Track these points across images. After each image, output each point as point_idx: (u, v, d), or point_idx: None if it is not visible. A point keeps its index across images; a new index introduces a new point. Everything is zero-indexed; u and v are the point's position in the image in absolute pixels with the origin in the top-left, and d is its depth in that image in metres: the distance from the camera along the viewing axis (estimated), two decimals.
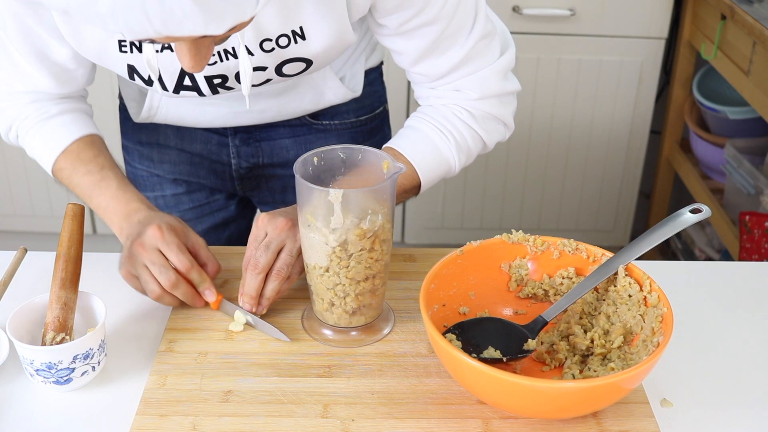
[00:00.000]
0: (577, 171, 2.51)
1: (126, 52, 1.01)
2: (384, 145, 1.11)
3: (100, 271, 1.11)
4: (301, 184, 0.92)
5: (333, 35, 1.01)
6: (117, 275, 1.11)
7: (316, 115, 1.27)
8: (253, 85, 1.06)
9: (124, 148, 1.35)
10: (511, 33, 1.17)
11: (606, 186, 2.54)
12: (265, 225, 1.01)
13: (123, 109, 1.32)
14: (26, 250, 1.09)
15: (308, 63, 1.04)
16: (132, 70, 1.04)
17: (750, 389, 0.94)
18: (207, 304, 1.03)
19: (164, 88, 1.07)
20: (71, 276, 0.95)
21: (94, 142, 1.12)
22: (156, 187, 1.34)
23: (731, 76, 2.07)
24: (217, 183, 1.34)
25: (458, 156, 1.10)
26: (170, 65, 1.03)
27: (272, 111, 1.22)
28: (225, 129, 1.27)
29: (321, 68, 1.10)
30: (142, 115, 1.22)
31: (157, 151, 1.31)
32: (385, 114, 1.37)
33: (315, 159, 0.95)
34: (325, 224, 0.91)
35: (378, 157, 0.96)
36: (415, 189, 1.12)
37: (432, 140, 1.09)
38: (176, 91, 1.07)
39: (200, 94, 1.08)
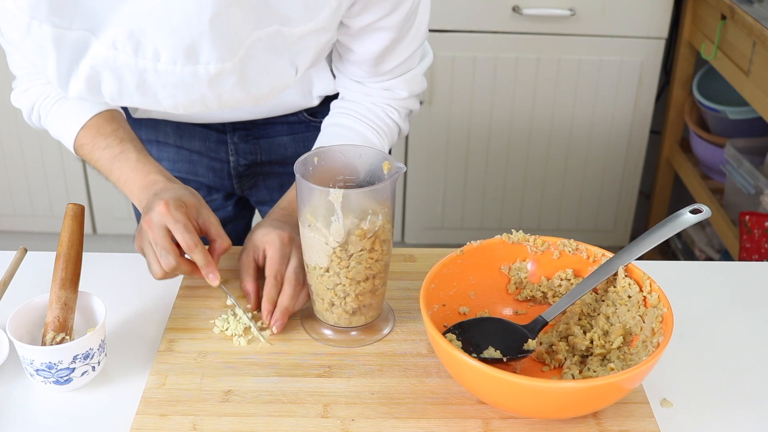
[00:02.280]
0: (577, 171, 2.51)
1: None
2: (318, 145, 1.12)
3: (100, 271, 1.11)
4: (302, 184, 0.92)
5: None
6: (117, 275, 1.11)
7: (314, 113, 1.27)
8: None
9: None
10: (511, 33, 1.18)
11: (606, 186, 2.54)
12: (262, 239, 1.01)
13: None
14: (26, 250, 1.09)
15: None
16: None
17: (750, 389, 0.94)
18: None
19: None
20: (71, 276, 0.95)
21: (114, 117, 1.12)
22: None
23: (731, 76, 2.07)
24: (216, 181, 1.34)
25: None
26: None
27: (269, 105, 1.22)
28: (224, 126, 1.27)
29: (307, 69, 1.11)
30: (140, 109, 1.22)
31: (156, 149, 1.31)
32: None
33: (315, 159, 0.95)
34: (325, 224, 0.91)
35: (378, 158, 0.96)
36: None
37: (371, 141, 1.12)
38: None
39: None
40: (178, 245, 0.99)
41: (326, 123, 1.16)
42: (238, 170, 1.32)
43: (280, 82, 0.80)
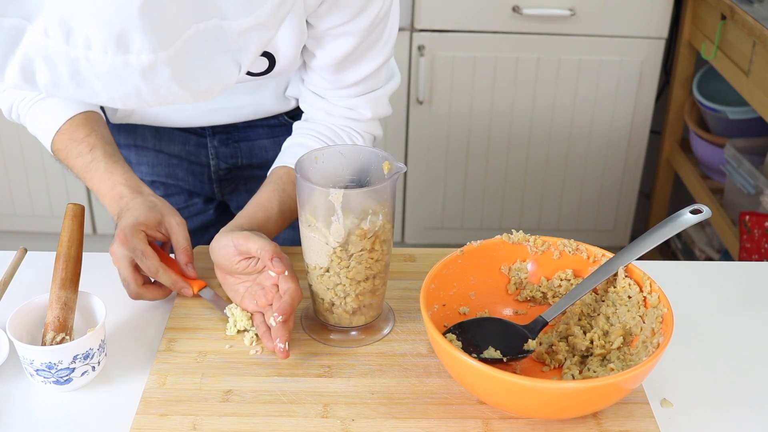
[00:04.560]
0: (577, 171, 2.51)
1: None
2: (278, 163, 1.11)
3: (100, 271, 1.11)
4: (302, 184, 0.92)
5: (295, 32, 1.01)
6: (117, 275, 1.11)
7: (294, 115, 1.27)
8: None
9: None
10: (511, 33, 1.18)
11: (606, 186, 2.54)
12: (241, 244, 0.98)
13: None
14: (26, 250, 1.09)
15: (271, 59, 1.04)
16: None
17: (750, 389, 0.94)
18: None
19: None
20: (71, 276, 0.95)
21: (88, 120, 1.12)
22: None
23: (731, 76, 2.07)
24: (196, 185, 1.34)
25: None
26: None
27: (248, 108, 1.22)
28: (203, 129, 1.27)
29: (285, 71, 1.10)
30: (117, 114, 1.22)
31: (135, 153, 1.31)
32: None
33: (315, 159, 0.95)
34: (325, 224, 0.91)
35: (378, 158, 0.96)
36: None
37: None
38: None
39: None
40: None
41: (287, 144, 1.15)
42: (218, 174, 1.32)
43: (221, 80, 0.78)
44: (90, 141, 1.10)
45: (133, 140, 1.30)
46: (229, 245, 0.98)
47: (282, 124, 1.28)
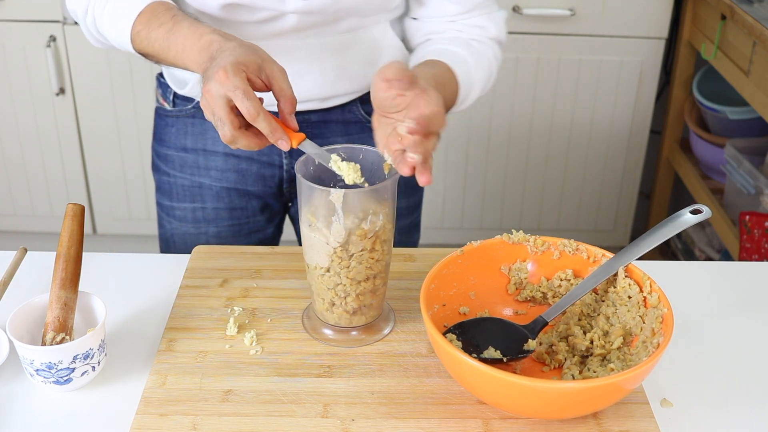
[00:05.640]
0: (577, 171, 2.51)
1: None
2: (429, 57, 1.11)
3: (100, 271, 1.11)
4: (303, 184, 0.92)
5: None
6: (117, 275, 1.11)
7: (370, 111, 1.24)
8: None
9: (163, 157, 1.31)
10: (511, 33, 1.20)
11: (606, 186, 2.54)
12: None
13: (163, 116, 1.29)
14: (26, 250, 1.09)
15: None
16: None
17: (750, 389, 0.94)
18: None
19: None
20: (71, 276, 0.95)
21: (168, 6, 1.07)
22: (197, 198, 1.30)
23: (731, 76, 2.07)
24: (266, 191, 1.31)
25: (477, 96, 1.15)
26: None
27: (332, 72, 1.19)
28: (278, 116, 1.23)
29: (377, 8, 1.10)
30: (190, 84, 1.20)
31: (203, 157, 1.28)
32: None
33: (316, 159, 0.95)
34: (326, 224, 0.91)
35: (379, 158, 0.96)
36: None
37: (468, 66, 1.11)
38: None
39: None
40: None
41: (425, 52, 1.14)
42: (290, 173, 1.29)
43: None
44: (171, 14, 1.04)
45: (203, 144, 1.27)
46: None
47: (358, 120, 1.26)
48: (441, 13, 1.14)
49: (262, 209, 1.34)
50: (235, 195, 1.31)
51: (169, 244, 1.34)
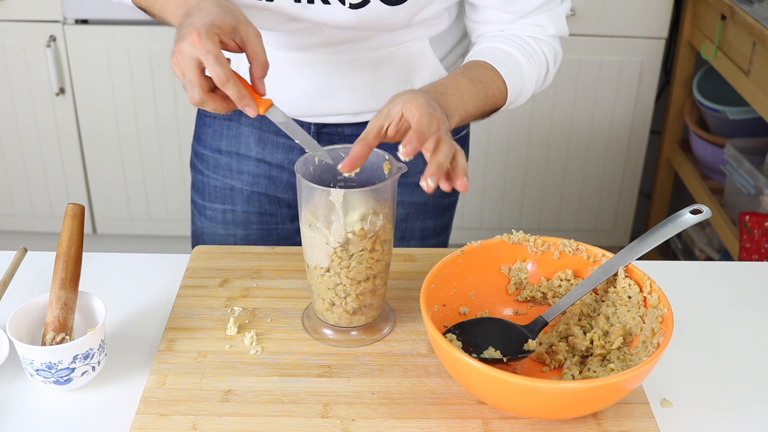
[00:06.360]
0: (577, 171, 2.51)
1: None
2: (475, 58, 1.09)
3: (100, 271, 1.11)
4: (303, 184, 0.92)
5: None
6: (117, 275, 1.11)
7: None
8: (352, 6, 1.04)
9: (200, 156, 1.31)
10: None
11: (606, 186, 2.54)
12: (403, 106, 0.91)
13: (202, 116, 1.29)
14: (26, 250, 1.09)
15: None
16: None
17: (750, 389, 0.94)
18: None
19: None
20: (71, 276, 0.95)
21: None
22: (227, 200, 1.30)
23: (731, 76, 2.07)
24: (295, 199, 1.29)
25: (531, 92, 1.14)
26: None
27: (364, 89, 1.17)
28: (308, 130, 1.23)
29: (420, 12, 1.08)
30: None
31: (236, 161, 1.28)
32: (467, 137, 1.33)
33: (316, 158, 0.95)
34: (325, 224, 0.91)
35: (379, 158, 0.96)
36: (491, 111, 1.09)
37: (521, 65, 1.10)
38: None
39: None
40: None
41: (473, 52, 1.12)
42: None
43: None
44: None
45: (236, 148, 1.27)
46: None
47: None
48: (494, 19, 1.13)
49: (293, 219, 1.32)
50: (265, 200, 1.30)
51: (199, 242, 1.35)
